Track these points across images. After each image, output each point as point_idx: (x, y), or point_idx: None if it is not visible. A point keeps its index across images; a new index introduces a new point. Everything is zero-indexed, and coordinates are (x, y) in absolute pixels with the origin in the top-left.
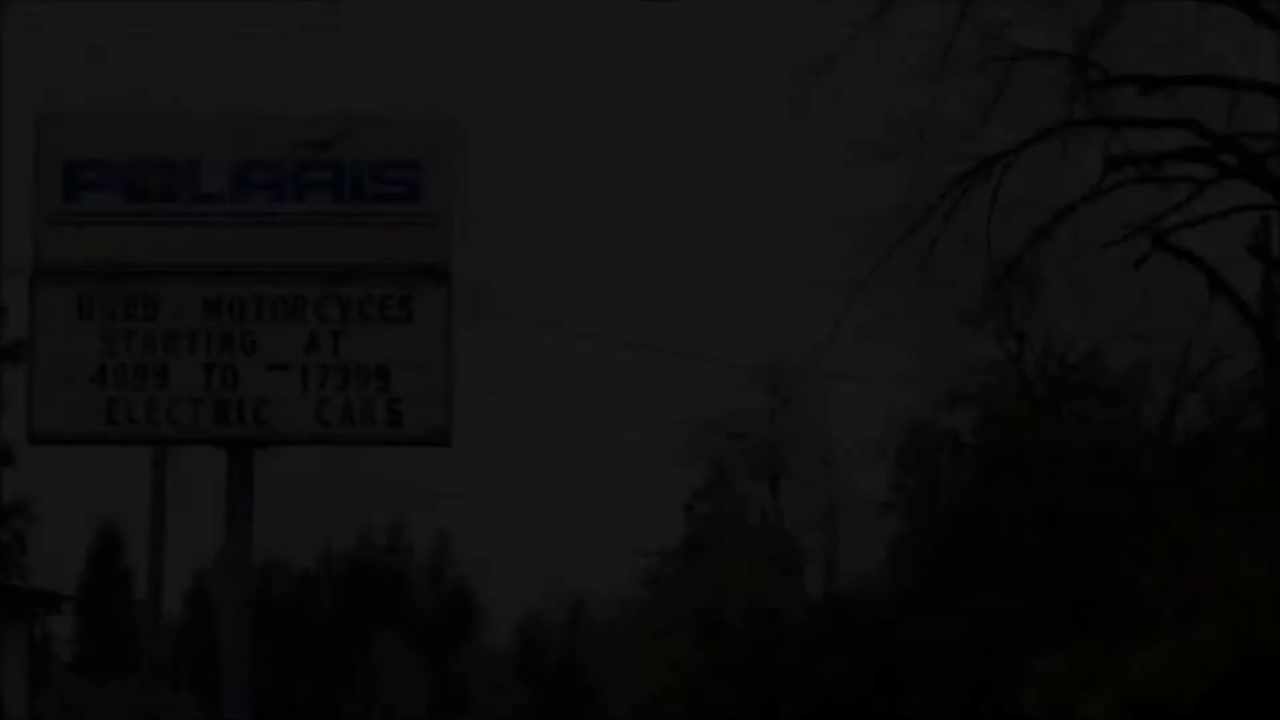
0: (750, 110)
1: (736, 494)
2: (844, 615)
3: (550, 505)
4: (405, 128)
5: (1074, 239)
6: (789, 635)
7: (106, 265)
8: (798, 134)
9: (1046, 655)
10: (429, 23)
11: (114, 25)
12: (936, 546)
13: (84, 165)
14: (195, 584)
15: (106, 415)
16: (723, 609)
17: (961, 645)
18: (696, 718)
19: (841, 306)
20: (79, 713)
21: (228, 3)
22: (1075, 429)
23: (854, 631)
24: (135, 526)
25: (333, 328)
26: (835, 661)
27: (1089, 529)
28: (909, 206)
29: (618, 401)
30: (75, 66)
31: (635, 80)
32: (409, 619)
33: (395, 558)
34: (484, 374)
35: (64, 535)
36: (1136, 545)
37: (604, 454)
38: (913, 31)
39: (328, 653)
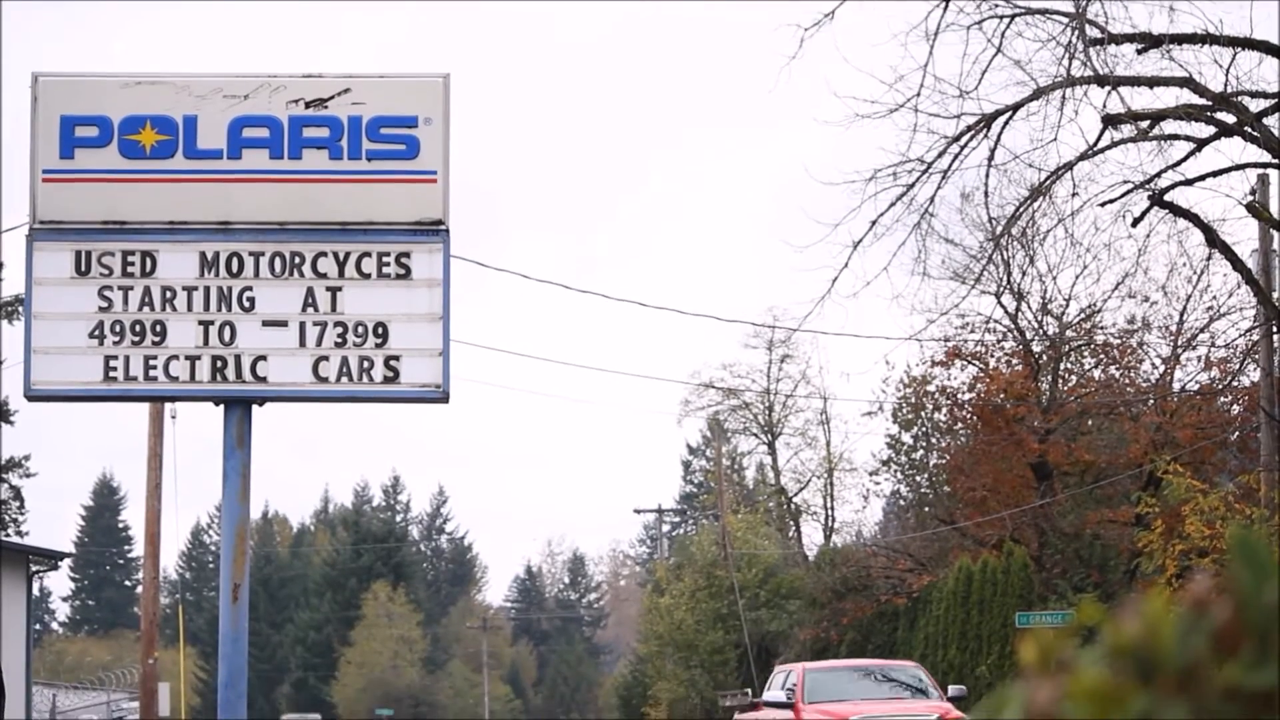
0: (749, 66)
1: (734, 451)
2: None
3: (549, 462)
4: (402, 86)
5: (1072, 197)
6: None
7: (103, 223)
8: (795, 90)
9: (1043, 609)
10: None
11: None
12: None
13: (81, 123)
14: (193, 540)
15: (103, 372)
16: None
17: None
18: (695, 667)
19: (839, 264)
20: (77, 668)
21: None
22: (1073, 386)
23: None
24: (133, 483)
25: (330, 284)
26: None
27: (1085, 486)
28: (906, 164)
29: (617, 358)
30: (73, 26)
31: (634, 39)
32: (406, 574)
33: (392, 513)
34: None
35: (62, 492)
36: (1132, 502)
37: (602, 411)
38: None
39: (325, 607)
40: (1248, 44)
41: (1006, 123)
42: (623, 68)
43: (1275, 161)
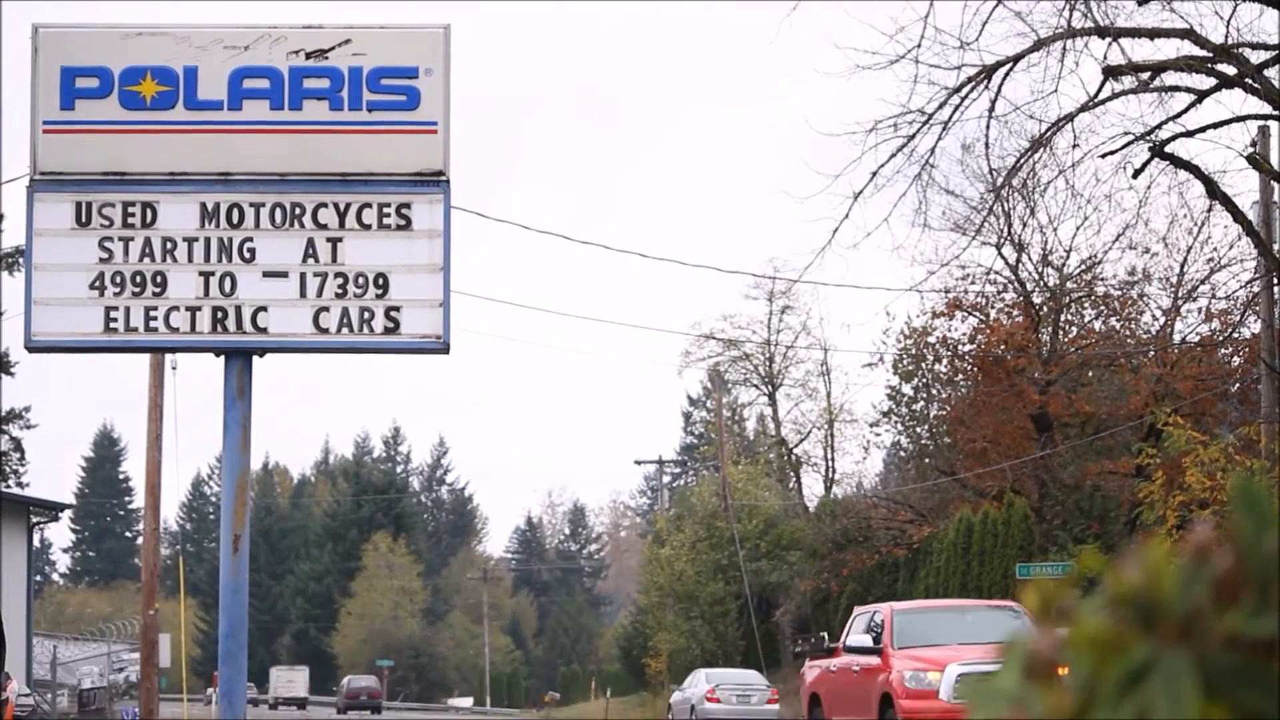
0: (750, 18)
1: (735, 402)
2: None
3: (549, 413)
4: (403, 36)
5: (1072, 148)
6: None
7: (104, 174)
8: (796, 41)
9: (1043, 560)
10: None
11: None
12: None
13: (82, 74)
14: (194, 491)
15: (104, 323)
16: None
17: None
18: (696, 618)
19: (839, 215)
20: (77, 620)
21: None
22: (1073, 338)
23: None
24: (133, 434)
25: (330, 235)
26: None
27: (1085, 437)
28: (907, 115)
29: (618, 310)
30: None
31: None
32: (407, 525)
33: (393, 465)
34: (483, 280)
35: (62, 444)
36: (1132, 453)
37: (603, 362)
38: None
39: (325, 559)
40: None
41: (1007, 74)
42: (624, 20)
43: (1276, 113)
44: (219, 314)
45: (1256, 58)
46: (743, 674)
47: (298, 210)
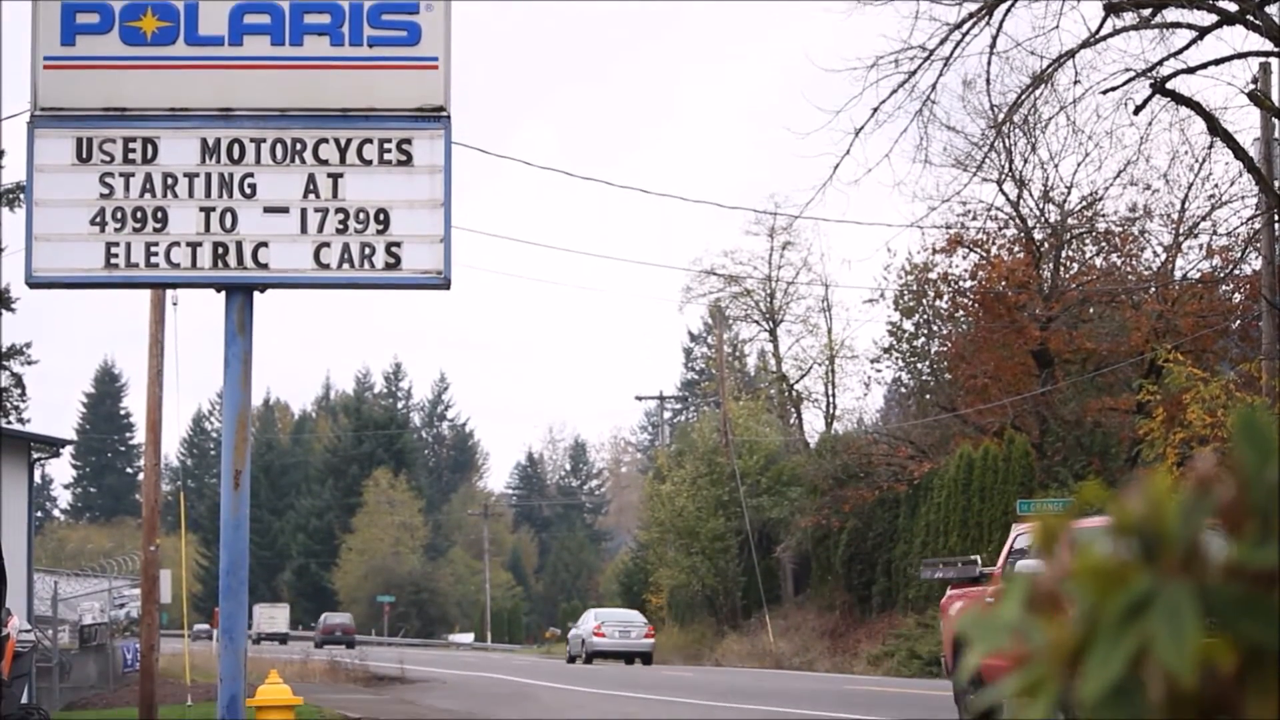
0: None
1: (735, 338)
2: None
3: (550, 349)
4: None
5: (1073, 84)
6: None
7: (104, 109)
8: None
9: (1044, 497)
10: None
11: None
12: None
13: (82, 9)
14: (195, 427)
15: (105, 259)
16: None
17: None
18: (696, 554)
19: (840, 151)
20: (78, 555)
21: None
22: (1074, 274)
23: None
24: (134, 370)
25: (331, 171)
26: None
27: (1086, 374)
28: (908, 51)
29: (619, 246)
30: None
31: None
32: (408, 461)
33: (394, 400)
34: (485, 217)
35: (63, 379)
36: (1133, 390)
37: (604, 298)
38: None
39: (326, 494)
40: None
41: (1009, 10)
42: None
43: (1277, 50)
44: (220, 249)
45: None
46: (625, 613)
47: (298, 146)
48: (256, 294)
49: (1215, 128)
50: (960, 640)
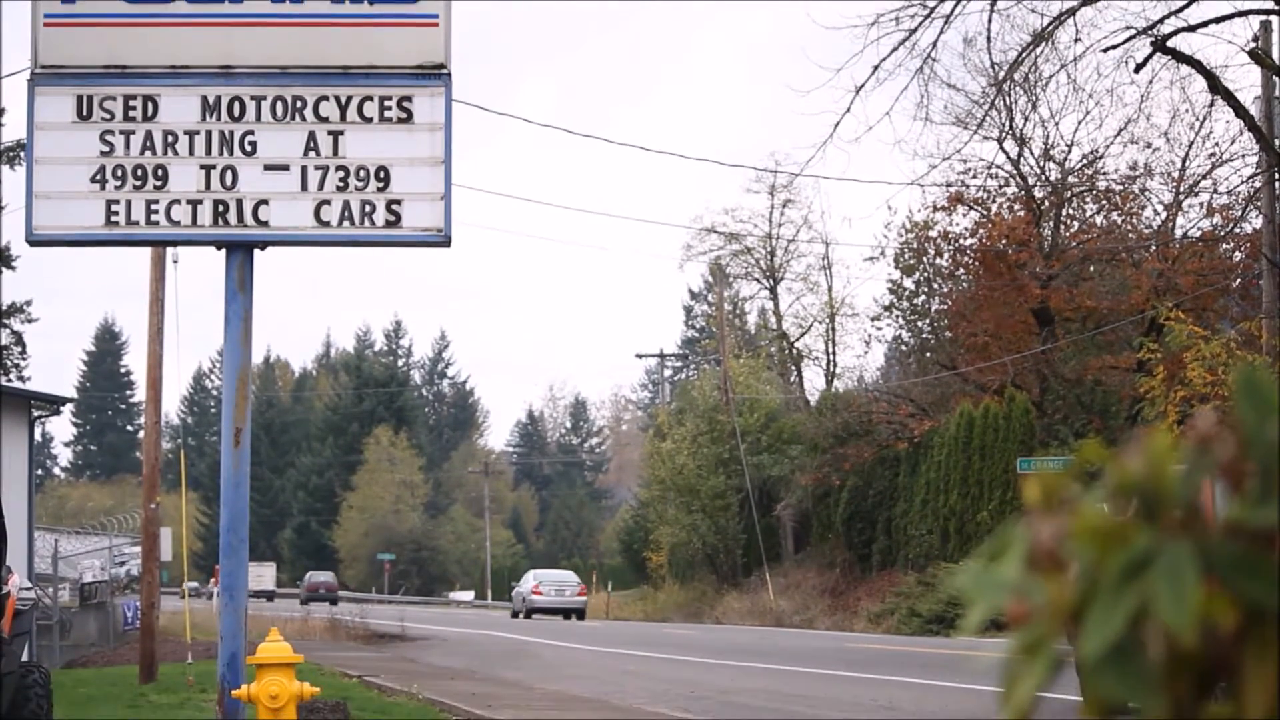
0: None
1: (736, 296)
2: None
3: (551, 307)
4: None
5: (1074, 42)
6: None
7: (105, 67)
8: None
9: (1044, 455)
10: None
11: None
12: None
13: None
14: (195, 384)
15: (105, 217)
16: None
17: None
18: (697, 512)
19: (841, 108)
20: (79, 513)
21: None
22: (1075, 232)
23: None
24: (135, 328)
25: (331, 128)
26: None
27: (1087, 332)
28: (909, 8)
29: (619, 203)
30: None
31: None
32: (408, 419)
33: (394, 358)
34: (486, 176)
35: (64, 337)
36: (1134, 348)
37: (604, 256)
38: None
39: (327, 452)
40: None
41: None
42: None
43: (1277, 7)
44: (220, 207)
45: None
46: (560, 574)
47: (299, 103)
48: (257, 252)
49: (1216, 86)
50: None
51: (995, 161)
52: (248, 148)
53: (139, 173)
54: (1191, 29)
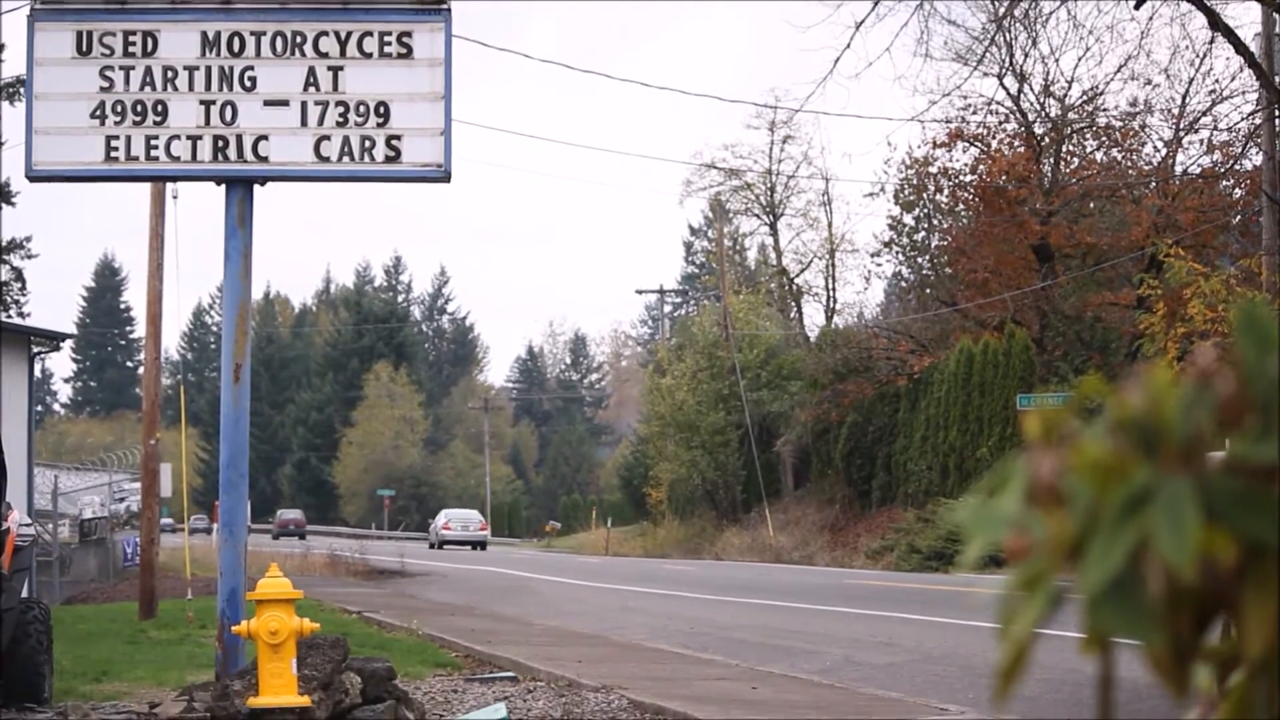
0: None
1: (736, 232)
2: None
3: (551, 243)
4: None
5: None
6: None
7: (105, 2)
8: None
9: (1044, 391)
10: None
11: None
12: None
13: None
14: (195, 320)
15: (105, 152)
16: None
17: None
18: (696, 448)
19: (841, 44)
20: (78, 449)
21: None
22: (1074, 169)
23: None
24: (134, 264)
25: (331, 64)
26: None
27: (1086, 269)
28: None
29: (619, 140)
30: None
31: None
32: (408, 355)
33: (394, 294)
34: (486, 112)
35: (63, 273)
36: (1133, 285)
37: (604, 192)
38: None
39: (327, 388)
40: None
41: None
42: None
43: None
44: (220, 143)
45: None
46: (466, 513)
47: (298, 39)
48: (256, 187)
49: (1216, 22)
50: None
51: (995, 98)
52: (247, 83)
53: (139, 108)
54: None
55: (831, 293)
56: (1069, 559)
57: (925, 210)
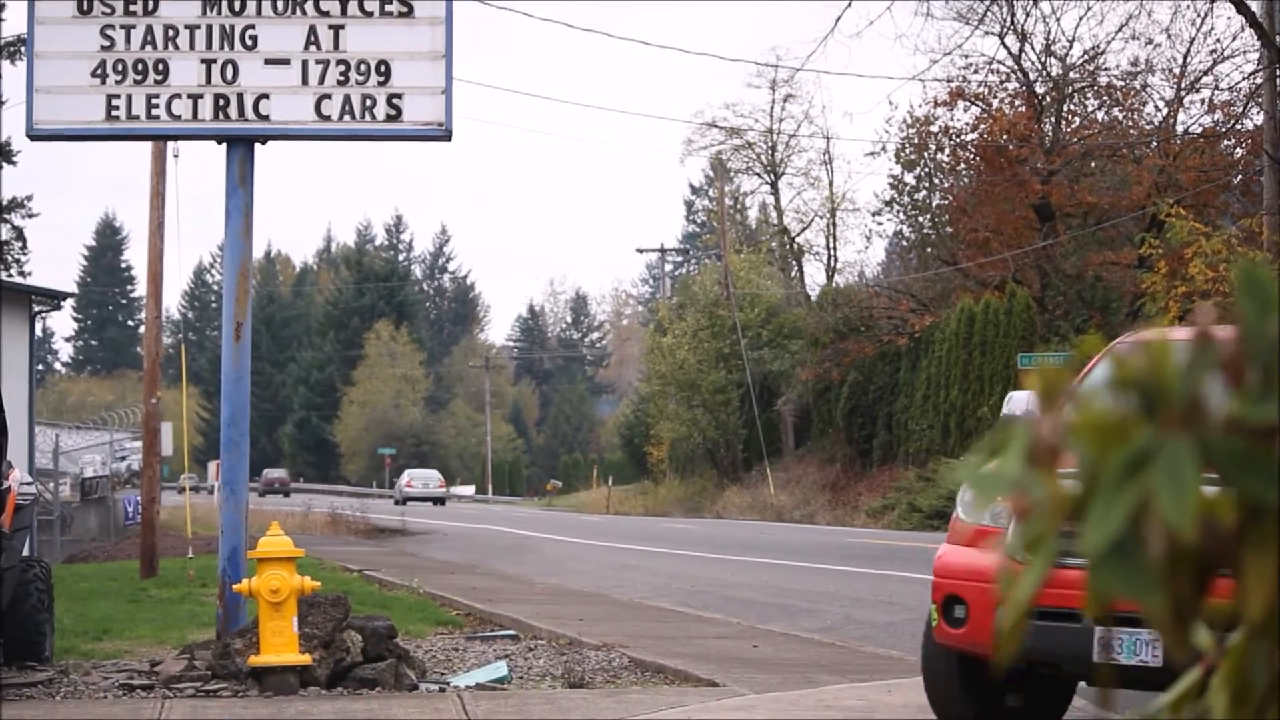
0: None
1: (737, 191)
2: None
3: (552, 202)
4: None
5: None
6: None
7: None
8: None
9: (1045, 350)
10: None
11: None
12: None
13: None
14: (196, 279)
15: (106, 111)
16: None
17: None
18: (697, 407)
19: (842, 2)
20: (79, 408)
21: None
22: (1076, 128)
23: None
24: (135, 223)
25: (332, 22)
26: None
27: (1088, 228)
28: None
29: (620, 98)
30: None
31: None
32: (409, 314)
33: (395, 253)
34: (487, 71)
35: (64, 232)
36: (1135, 244)
37: (605, 151)
38: None
39: (328, 347)
40: None
41: None
42: None
43: None
44: (221, 101)
45: None
46: (427, 472)
47: None
48: (258, 146)
49: None
50: None
51: (996, 57)
52: (248, 42)
53: (139, 67)
54: None
55: (832, 252)
56: (1071, 519)
57: (926, 169)
